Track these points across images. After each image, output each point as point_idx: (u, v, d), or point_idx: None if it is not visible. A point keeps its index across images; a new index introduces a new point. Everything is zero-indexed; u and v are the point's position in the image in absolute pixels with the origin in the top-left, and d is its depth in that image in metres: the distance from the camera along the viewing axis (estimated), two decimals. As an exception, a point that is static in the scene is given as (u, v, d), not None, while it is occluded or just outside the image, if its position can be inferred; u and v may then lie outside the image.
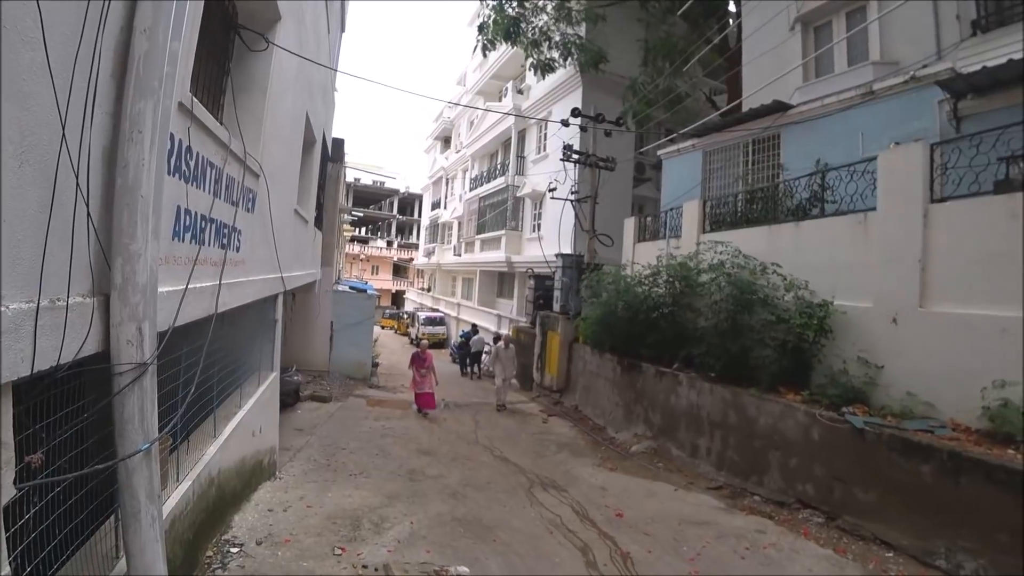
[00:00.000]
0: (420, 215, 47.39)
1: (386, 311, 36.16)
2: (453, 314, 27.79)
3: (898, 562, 4.75)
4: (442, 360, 21.99)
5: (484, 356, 19.07)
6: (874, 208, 6.38)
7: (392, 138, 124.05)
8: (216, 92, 4.45)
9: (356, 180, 48.36)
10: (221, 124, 3.91)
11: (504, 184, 22.28)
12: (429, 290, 36.34)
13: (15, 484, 1.87)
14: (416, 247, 47.41)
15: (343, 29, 12.96)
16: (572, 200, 14.24)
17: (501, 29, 15.53)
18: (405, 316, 33.89)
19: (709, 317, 7.83)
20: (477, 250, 24.94)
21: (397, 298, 47.89)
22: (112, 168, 2.24)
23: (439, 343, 26.63)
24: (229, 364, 4.98)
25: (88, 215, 2.11)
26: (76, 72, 1.96)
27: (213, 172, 3.72)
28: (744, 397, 6.95)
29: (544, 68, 16.04)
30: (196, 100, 3.15)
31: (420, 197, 47.45)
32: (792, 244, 7.48)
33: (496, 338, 20.48)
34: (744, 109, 10.63)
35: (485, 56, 18.80)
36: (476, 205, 25.43)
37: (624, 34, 15.91)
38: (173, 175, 2.94)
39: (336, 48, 11.63)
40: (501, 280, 24.98)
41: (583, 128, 14.07)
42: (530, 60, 16.18)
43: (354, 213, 37.74)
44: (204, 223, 3.59)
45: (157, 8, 2.33)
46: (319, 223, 11.65)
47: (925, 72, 7.47)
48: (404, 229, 55.74)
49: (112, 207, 2.25)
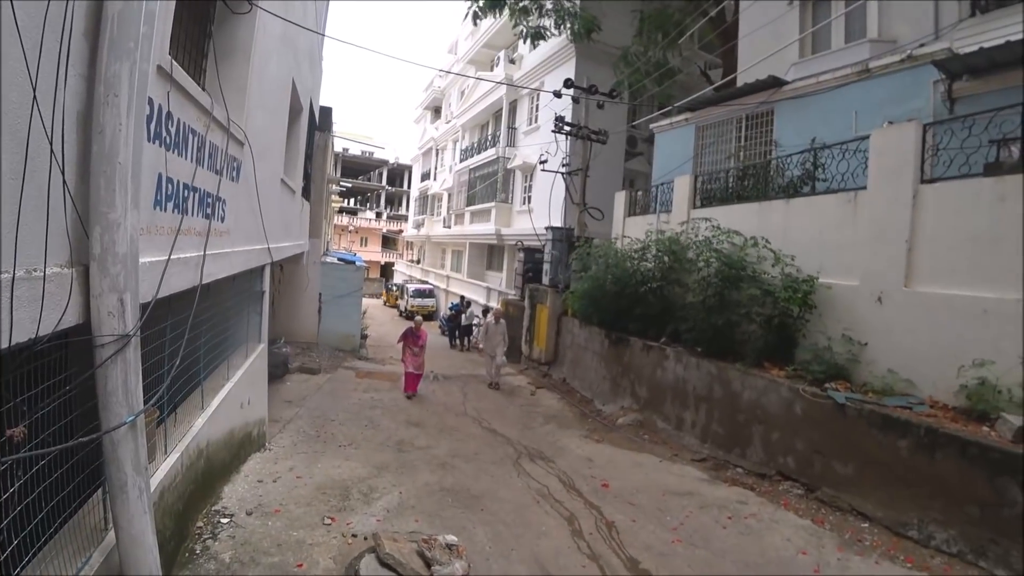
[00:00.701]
0: (409, 186, 46.78)
1: (392, 286, 35.62)
2: (442, 286, 27.74)
3: (873, 532, 4.91)
4: (431, 332, 22.04)
5: (474, 328, 19.15)
6: (864, 187, 6.39)
7: (381, 108, 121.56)
8: (198, 56, 4.30)
9: (345, 150, 47.48)
10: (203, 90, 3.78)
11: (495, 156, 22.01)
12: (418, 262, 36.15)
13: (-4, 457, 1.84)
14: (405, 219, 46.96)
15: (330, -8, 12.52)
16: (563, 173, 14.12)
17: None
18: (394, 288, 33.76)
19: (697, 292, 7.88)
20: (467, 222, 24.76)
21: (386, 270, 47.64)
22: (88, 133, 2.15)
23: (428, 315, 26.65)
24: (216, 336, 4.93)
25: (64, 182, 2.03)
26: (47, 30, 1.86)
27: (195, 139, 3.61)
28: (729, 372, 7.04)
29: (535, 36, 15.66)
30: (176, 64, 3.03)
31: (409, 168, 46.76)
32: (782, 221, 7.50)
33: (485, 311, 20.56)
34: (739, 84, 10.51)
35: (476, 24, 18.27)
36: (466, 176, 25.14)
37: (618, 4, 15.53)
38: (153, 142, 2.85)
39: (323, 13, 11.25)
40: (491, 253, 24.88)
41: (575, 100, 13.86)
42: (519, 28, 15.74)
43: (342, 184, 37.15)
44: (187, 192, 3.51)
45: (130, -38, 2.22)
46: (307, 193, 11.45)
47: (922, 51, 7.40)
48: (393, 200, 55.10)
49: (89, 174, 2.17)
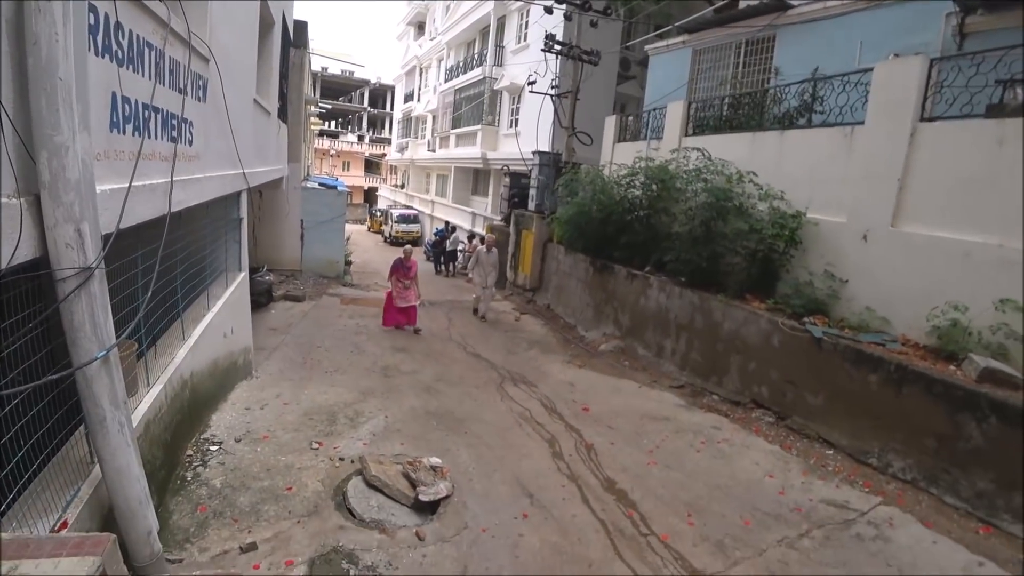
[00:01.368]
0: (392, 108, 44.77)
1: (376, 211, 34.69)
2: (427, 211, 27.30)
3: (836, 459, 5.20)
4: (416, 258, 21.89)
5: (459, 254, 19.07)
6: (862, 122, 6.20)
7: (361, 23, 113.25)
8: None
9: (323, 69, 44.80)
10: (158, -2, 3.41)
11: (481, 76, 20.96)
12: (403, 187, 35.28)
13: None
14: (388, 142, 45.30)
15: None
16: (552, 95, 13.55)
17: None
18: (378, 213, 33.13)
19: (684, 223, 7.82)
20: (452, 145, 23.98)
21: (369, 195, 46.57)
22: (21, 45, 1.92)
23: (413, 241, 26.41)
24: (193, 266, 4.80)
25: None
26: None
27: (152, 54, 3.30)
28: (711, 302, 7.14)
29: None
30: (121, -36, 2.70)
31: (392, 89, 44.50)
32: (775, 153, 7.32)
33: (470, 236, 20.38)
34: (741, 5, 9.92)
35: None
36: (451, 98, 24.05)
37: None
38: (102, 56, 2.59)
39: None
40: (476, 177, 24.33)
41: (567, 17, 13.01)
42: None
43: (322, 105, 35.38)
44: (147, 112, 3.25)
45: None
46: (283, 115, 10.86)
47: None
48: (376, 123, 52.86)
49: (27, 93, 1.96)
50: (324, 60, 42.43)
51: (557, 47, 12.69)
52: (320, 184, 18.02)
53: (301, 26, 13.25)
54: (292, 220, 12.90)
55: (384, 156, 45.61)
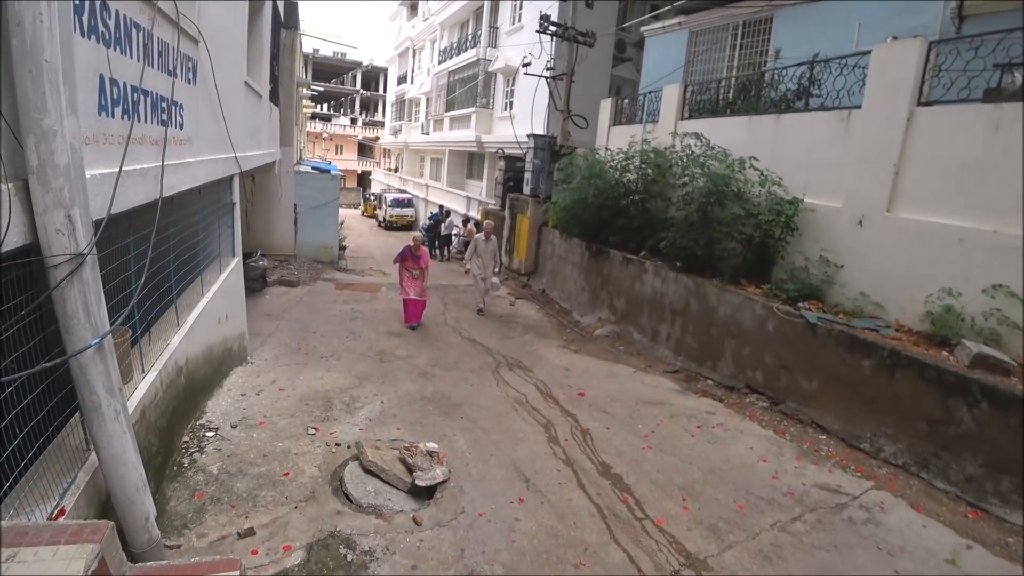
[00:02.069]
0: (385, 90, 44.16)
1: (369, 195, 34.33)
2: (421, 195, 27.11)
3: (829, 444, 5.27)
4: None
5: (453, 238, 19.01)
6: (859, 106, 6.17)
7: (353, 4, 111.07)
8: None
9: (315, 51, 44.08)
10: (144, -25, 3.32)
11: (475, 57, 20.68)
12: (396, 171, 34.96)
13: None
14: (382, 125, 44.78)
15: None
16: (547, 77, 13.38)
17: None
18: (372, 197, 32.86)
19: (680, 207, 7.80)
20: (446, 128, 23.73)
21: (363, 179, 46.16)
22: (4, 27, 1.86)
23: (407, 225, 26.27)
24: (186, 252, 4.74)
25: (-15, 86, 1.79)
26: None
27: (140, 35, 3.22)
28: (706, 287, 7.16)
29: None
30: (106, -59, 2.62)
31: (385, 71, 43.79)
32: (771, 136, 7.29)
33: (465, 221, 20.28)
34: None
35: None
36: (445, 80, 23.73)
37: None
38: (88, 37, 2.52)
39: None
40: (471, 161, 24.14)
41: (564, -4, 12.85)
42: None
43: (314, 88, 34.84)
44: (136, 95, 3.18)
45: None
46: (275, 98, 10.68)
47: None
48: (369, 105, 52.19)
49: (13, 75, 1.90)
50: (316, 41, 41.81)
51: (552, 28, 12.52)
52: (313, 168, 17.83)
53: (292, 6, 13.02)
54: (285, 204, 12.75)
55: (378, 139, 45.15)
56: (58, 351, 2.31)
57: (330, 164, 24.64)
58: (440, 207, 21.74)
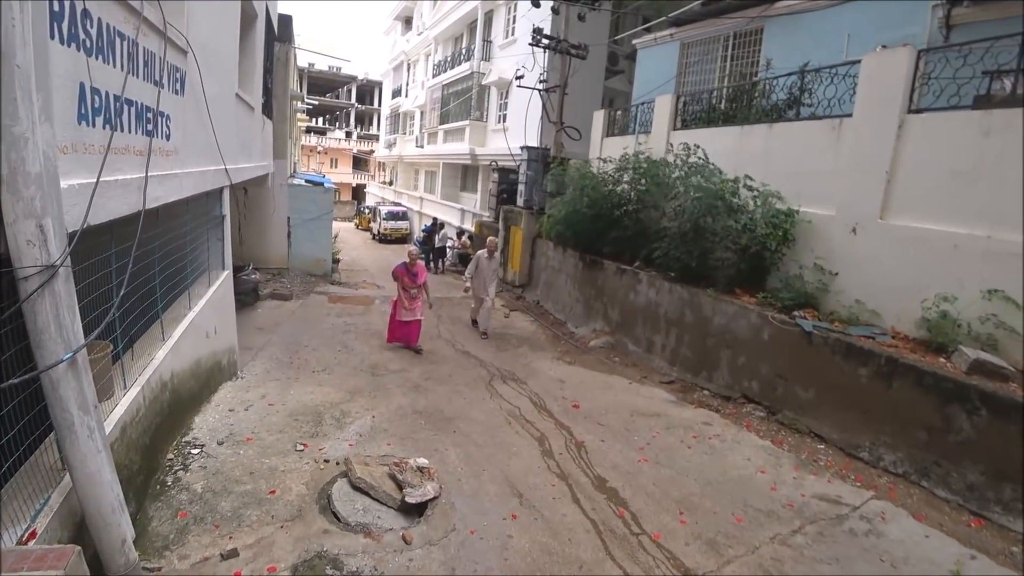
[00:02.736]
0: (380, 104, 44.40)
1: (364, 208, 34.28)
2: (416, 208, 27.12)
3: (828, 453, 5.19)
4: (406, 256, 21.78)
5: (448, 251, 18.99)
6: (850, 114, 6.19)
7: (347, 18, 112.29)
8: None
9: (310, 65, 44.41)
10: (129, -16, 3.28)
11: (469, 71, 20.81)
12: (391, 184, 35.00)
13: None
14: (376, 138, 44.96)
15: None
16: (540, 90, 13.45)
17: None
18: (366, 211, 32.83)
19: (673, 218, 7.77)
20: (440, 141, 23.82)
21: (358, 192, 46.21)
22: (-26, 31, 1.81)
23: (402, 238, 26.21)
24: (173, 265, 4.66)
25: (-49, 91, 1.73)
26: None
27: (125, 44, 3.18)
28: (701, 297, 7.11)
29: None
30: (87, -52, 2.58)
31: (380, 84, 44.12)
32: (763, 146, 7.30)
33: (460, 233, 20.24)
34: (729, -3, 9.88)
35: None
36: (439, 93, 23.86)
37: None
38: (67, 44, 2.47)
39: None
40: (465, 173, 24.19)
41: (555, 11, 12.94)
42: None
43: (308, 101, 34.98)
44: (119, 105, 3.12)
45: None
46: (268, 111, 10.67)
47: None
48: (364, 119, 52.43)
49: (-18, 82, 1.85)
50: (310, 56, 42.13)
51: (545, 41, 12.60)
52: (307, 181, 17.82)
53: (286, 20, 13.08)
54: (278, 217, 12.71)
55: (372, 153, 45.28)
56: (29, 367, 2.23)
57: (324, 177, 24.67)
58: (434, 219, 21.73)
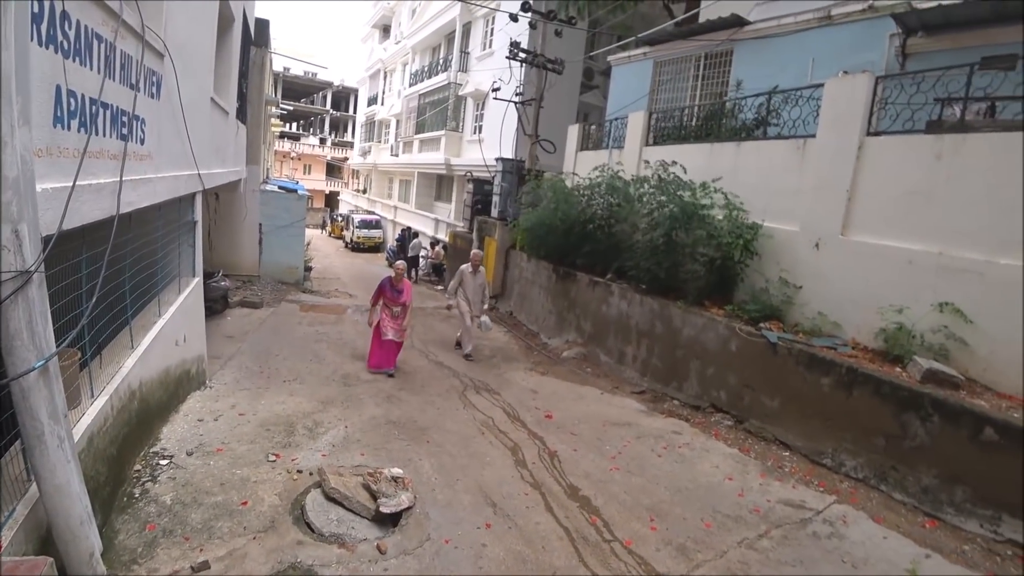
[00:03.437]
0: (355, 111, 44.18)
1: (337, 216, 33.87)
2: (390, 217, 27.02)
3: (792, 460, 5.37)
4: (379, 264, 21.69)
5: (421, 260, 18.94)
6: (814, 135, 6.48)
7: (325, 24, 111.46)
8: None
9: (285, 70, 43.95)
10: (108, -13, 3.26)
11: (446, 81, 20.95)
12: (365, 192, 34.80)
13: None
14: (351, 145, 44.63)
15: None
16: (516, 102, 13.63)
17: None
18: (339, 218, 32.50)
19: (646, 231, 7.93)
20: (415, 150, 23.82)
21: (331, 200, 45.70)
22: (-45, 34, 1.80)
23: (375, 247, 26.04)
24: (143, 271, 4.57)
25: (-70, 94, 1.71)
26: None
27: (102, 47, 3.15)
28: (671, 309, 7.28)
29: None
30: (68, -48, 2.57)
31: (356, 91, 43.95)
32: (732, 163, 7.56)
33: (434, 243, 20.21)
34: (701, 20, 10.25)
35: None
36: (416, 102, 23.93)
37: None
38: (46, 46, 2.44)
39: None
40: (440, 183, 24.23)
41: (532, 25, 13.17)
42: None
43: (283, 106, 34.58)
44: (95, 108, 3.09)
45: None
46: (242, 116, 10.54)
47: (883, 3, 7.44)
48: (338, 126, 52.01)
49: (-39, 84, 1.83)
50: (286, 60, 41.64)
51: (522, 55, 12.79)
52: (280, 187, 17.60)
53: (263, 24, 12.98)
54: (250, 224, 12.49)
55: (346, 160, 44.93)
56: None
57: (297, 184, 24.37)
58: (407, 228, 21.68)
